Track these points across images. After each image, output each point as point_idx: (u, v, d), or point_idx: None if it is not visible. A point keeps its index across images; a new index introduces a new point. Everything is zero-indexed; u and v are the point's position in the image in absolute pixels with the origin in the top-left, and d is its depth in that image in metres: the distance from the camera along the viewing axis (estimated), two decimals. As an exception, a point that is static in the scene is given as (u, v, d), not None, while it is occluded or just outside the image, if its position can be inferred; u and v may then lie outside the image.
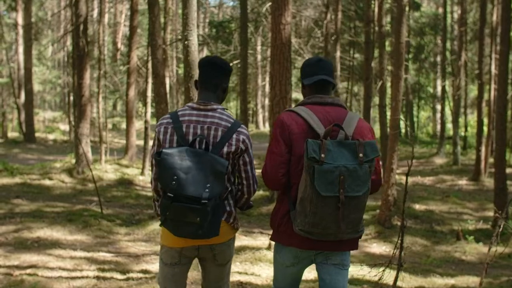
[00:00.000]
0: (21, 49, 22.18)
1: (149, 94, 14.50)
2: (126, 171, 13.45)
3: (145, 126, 14.39)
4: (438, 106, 27.07)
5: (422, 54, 24.29)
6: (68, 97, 23.18)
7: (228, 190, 2.79)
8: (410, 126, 26.06)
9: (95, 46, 21.33)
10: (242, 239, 7.34)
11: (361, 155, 2.55)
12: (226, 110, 2.85)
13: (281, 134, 2.73)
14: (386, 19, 18.78)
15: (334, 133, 2.66)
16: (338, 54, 16.97)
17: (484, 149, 15.18)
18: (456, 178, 15.73)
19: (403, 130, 26.30)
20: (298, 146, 2.67)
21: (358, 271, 4.85)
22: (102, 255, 6.24)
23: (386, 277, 4.16)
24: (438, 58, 25.49)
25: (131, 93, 15.33)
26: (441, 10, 23.99)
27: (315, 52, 21.90)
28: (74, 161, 12.76)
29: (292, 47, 10.93)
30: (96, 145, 17.87)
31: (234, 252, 3.00)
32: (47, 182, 11.48)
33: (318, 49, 21.78)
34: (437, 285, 5.97)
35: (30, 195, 10.11)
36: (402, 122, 20.00)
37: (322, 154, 2.50)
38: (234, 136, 2.75)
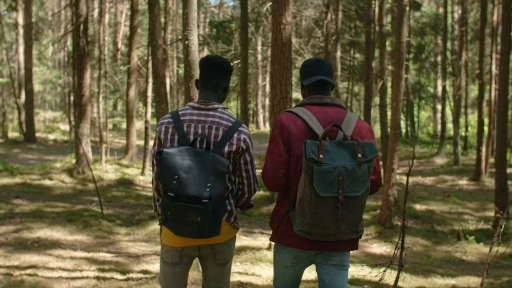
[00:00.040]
0: (21, 49, 22.18)
1: (149, 94, 14.51)
2: (126, 171, 13.45)
3: (145, 126, 14.39)
4: (438, 106, 27.06)
5: (422, 54, 24.28)
6: (68, 97, 23.18)
7: (229, 190, 2.79)
8: (410, 126, 26.05)
9: (96, 46, 21.33)
10: (242, 239, 7.33)
11: (359, 156, 2.55)
12: (227, 109, 2.85)
13: (280, 135, 2.73)
14: (387, 19, 18.80)
15: (333, 133, 2.66)
16: (339, 54, 16.97)
17: (484, 149, 15.15)
18: (456, 178, 15.71)
19: (404, 130, 26.30)
20: (297, 147, 2.67)
21: (359, 272, 4.84)
22: (102, 255, 6.23)
23: (386, 277, 4.14)
24: (439, 58, 25.48)
25: (132, 93, 15.33)
26: (441, 10, 23.97)
27: (316, 52, 21.89)
28: (74, 161, 12.76)
29: (292, 47, 10.92)
30: (96, 145, 17.87)
31: (234, 252, 2.99)
32: (47, 182, 11.48)
33: (319, 49, 21.77)
34: (438, 285, 5.96)
35: (30, 195, 10.10)
36: (403, 122, 20.01)
37: (321, 155, 2.50)
38: (235, 135, 2.75)
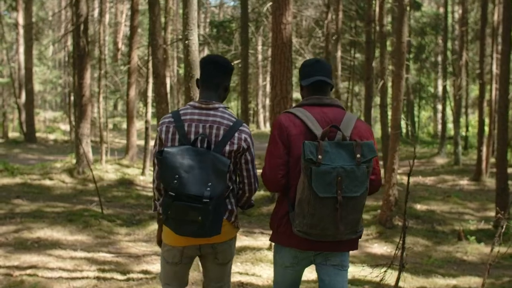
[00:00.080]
0: (21, 49, 22.18)
1: (149, 94, 14.51)
2: (126, 171, 13.44)
3: (145, 126, 14.39)
4: (439, 106, 27.05)
5: (423, 54, 24.27)
6: (68, 97, 23.17)
7: (229, 189, 2.78)
8: (411, 126, 26.04)
9: (96, 46, 21.33)
10: (243, 240, 7.32)
11: (358, 156, 2.55)
12: (227, 108, 2.85)
13: (279, 136, 2.73)
14: (387, 19, 18.80)
15: (332, 134, 2.65)
16: (339, 54, 16.96)
17: (485, 149, 15.13)
18: (457, 178, 15.70)
19: (404, 130, 26.28)
20: (296, 148, 2.67)
21: (360, 272, 4.83)
22: (103, 256, 6.22)
23: (387, 277, 4.13)
24: (439, 58, 25.48)
25: (132, 93, 15.33)
26: (442, 10, 23.96)
27: (316, 52, 21.89)
28: (74, 161, 12.75)
29: (293, 47, 10.92)
30: (96, 145, 17.86)
31: (235, 252, 2.99)
32: (48, 182, 11.47)
33: (319, 49, 21.77)
34: (438, 285, 5.95)
35: (31, 195, 10.09)
36: (403, 122, 19.99)
37: (319, 156, 2.50)
38: (236, 134, 2.75)
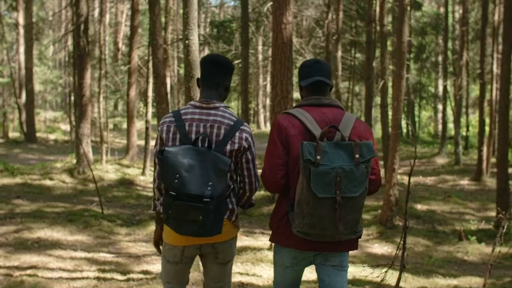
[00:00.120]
0: (22, 49, 22.18)
1: (150, 94, 14.49)
2: (127, 171, 13.43)
3: (146, 126, 14.38)
4: (439, 106, 27.03)
5: (423, 54, 24.25)
6: (69, 97, 23.17)
7: (230, 188, 2.78)
8: (411, 126, 26.03)
9: (96, 46, 21.33)
10: (243, 240, 7.31)
11: (357, 156, 2.55)
12: (228, 108, 2.84)
13: (278, 136, 2.73)
14: (388, 19, 18.78)
15: (331, 134, 2.65)
16: (340, 54, 16.96)
17: (486, 149, 15.12)
18: (458, 178, 15.69)
19: (405, 130, 26.25)
20: (295, 148, 2.67)
21: (361, 272, 4.82)
22: (103, 256, 6.22)
23: (388, 278, 4.12)
24: (440, 58, 25.45)
25: (132, 93, 15.32)
26: (442, 10, 23.94)
27: (317, 52, 21.88)
28: (75, 161, 12.74)
29: (293, 47, 10.90)
30: (97, 145, 17.85)
31: (235, 252, 2.98)
32: (48, 182, 11.46)
33: (320, 48, 21.76)
34: (439, 285, 5.94)
35: (31, 195, 10.09)
36: (404, 122, 19.98)
37: (318, 156, 2.50)
38: (237, 134, 2.74)
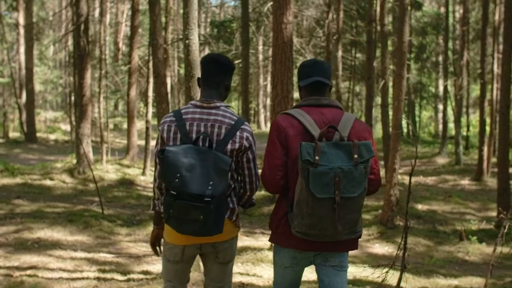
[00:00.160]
0: (22, 49, 22.17)
1: (150, 94, 14.49)
2: (127, 171, 13.42)
3: (146, 126, 14.37)
4: (440, 106, 27.02)
5: (424, 54, 24.25)
6: (69, 97, 23.15)
7: (231, 188, 2.78)
8: (412, 125, 26.01)
9: (96, 46, 21.33)
10: (243, 240, 7.31)
11: (356, 156, 2.55)
12: (229, 107, 2.84)
13: (277, 137, 2.73)
14: (388, 19, 18.76)
15: (330, 134, 2.65)
16: (340, 54, 16.94)
17: (486, 148, 15.10)
18: (458, 178, 15.68)
19: (405, 130, 26.24)
20: (294, 149, 2.67)
21: (361, 272, 4.81)
22: (103, 256, 6.21)
23: (389, 278, 4.11)
24: (440, 58, 25.42)
25: (132, 93, 15.31)
26: (443, 10, 23.92)
27: (317, 51, 21.86)
28: (75, 161, 12.74)
29: (293, 47, 10.89)
30: (97, 145, 17.84)
31: (236, 252, 2.98)
32: (48, 183, 11.46)
33: (320, 48, 21.75)
34: (440, 285, 5.93)
35: (31, 196, 10.08)
36: (404, 122, 19.96)
37: (316, 157, 2.50)
38: (238, 133, 2.74)
